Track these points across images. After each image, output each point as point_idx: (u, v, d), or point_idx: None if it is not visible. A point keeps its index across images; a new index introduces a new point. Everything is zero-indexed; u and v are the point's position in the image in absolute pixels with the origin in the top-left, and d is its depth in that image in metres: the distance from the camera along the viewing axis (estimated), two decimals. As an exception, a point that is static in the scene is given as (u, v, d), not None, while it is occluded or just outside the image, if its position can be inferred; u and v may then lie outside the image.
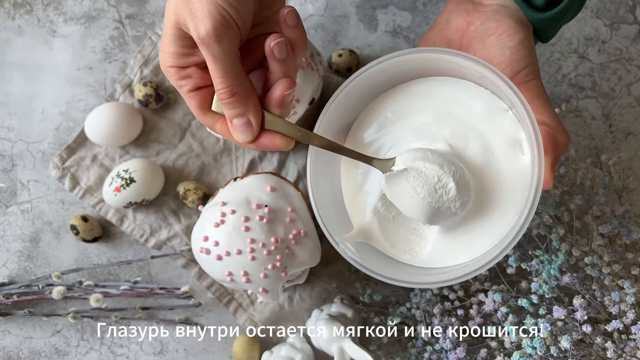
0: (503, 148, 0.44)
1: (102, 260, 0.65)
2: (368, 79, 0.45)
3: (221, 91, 0.39)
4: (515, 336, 0.51)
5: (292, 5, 0.69)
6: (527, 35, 0.47)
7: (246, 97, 0.39)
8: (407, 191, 0.42)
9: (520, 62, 0.46)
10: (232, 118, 0.40)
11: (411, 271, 0.46)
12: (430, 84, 0.46)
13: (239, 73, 0.39)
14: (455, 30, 0.49)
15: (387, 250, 0.47)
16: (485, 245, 0.44)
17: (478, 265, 0.41)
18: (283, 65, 0.39)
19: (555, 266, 0.52)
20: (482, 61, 0.42)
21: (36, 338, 0.64)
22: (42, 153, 0.66)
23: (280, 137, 0.41)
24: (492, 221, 0.44)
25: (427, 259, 0.46)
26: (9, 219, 0.65)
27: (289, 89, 0.40)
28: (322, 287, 0.63)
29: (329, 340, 0.57)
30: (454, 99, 0.45)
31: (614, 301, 0.50)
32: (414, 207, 0.43)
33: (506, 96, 0.42)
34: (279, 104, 0.40)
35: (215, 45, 0.37)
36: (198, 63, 0.40)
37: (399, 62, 0.44)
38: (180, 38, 0.39)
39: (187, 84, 0.41)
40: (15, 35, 0.68)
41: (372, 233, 0.47)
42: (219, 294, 0.63)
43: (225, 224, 0.51)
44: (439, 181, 0.41)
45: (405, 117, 0.47)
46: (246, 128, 0.40)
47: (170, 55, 0.40)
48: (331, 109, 0.46)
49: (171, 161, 0.65)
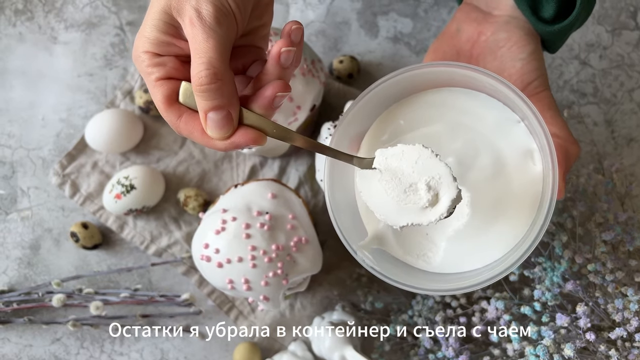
0: (515, 158, 0.44)
1: (102, 267, 0.64)
2: (384, 90, 0.46)
3: (202, 74, 0.36)
4: (518, 344, 0.51)
5: (294, 11, 0.69)
6: (537, 47, 0.47)
7: (229, 89, 0.37)
8: (378, 191, 0.41)
9: (531, 74, 0.47)
10: (208, 110, 0.36)
11: (427, 277, 0.46)
12: (444, 94, 0.46)
13: (226, 62, 0.37)
14: (466, 40, 0.49)
15: (401, 257, 0.47)
16: (496, 253, 0.44)
17: (494, 272, 0.41)
18: (282, 71, 0.38)
19: (558, 273, 0.51)
20: (496, 75, 0.42)
21: (36, 346, 0.63)
22: (43, 160, 0.66)
23: (253, 130, 0.38)
24: (503, 229, 0.44)
25: (440, 265, 0.46)
26: (9, 226, 0.65)
27: (284, 91, 0.38)
28: (324, 295, 0.63)
29: (330, 348, 0.56)
30: (467, 110, 0.46)
31: (618, 308, 0.49)
32: (383, 207, 0.42)
33: (518, 108, 0.43)
34: (267, 103, 0.38)
35: (215, 25, 0.36)
36: (177, 54, 0.38)
37: (415, 74, 0.45)
38: (166, 24, 0.37)
39: (157, 72, 0.38)
40: (16, 42, 0.68)
41: (386, 239, 0.47)
42: (219, 302, 0.63)
43: (226, 231, 0.51)
44: (410, 186, 0.40)
45: (418, 126, 0.47)
46: (224, 122, 0.37)
47: (150, 41, 0.38)
48: (347, 119, 0.45)
49: (172, 168, 0.65)
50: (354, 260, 0.63)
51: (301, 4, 0.68)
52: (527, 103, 0.41)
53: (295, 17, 0.68)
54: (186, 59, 0.38)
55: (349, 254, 0.43)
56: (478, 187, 0.45)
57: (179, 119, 0.38)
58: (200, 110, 0.37)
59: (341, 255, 0.63)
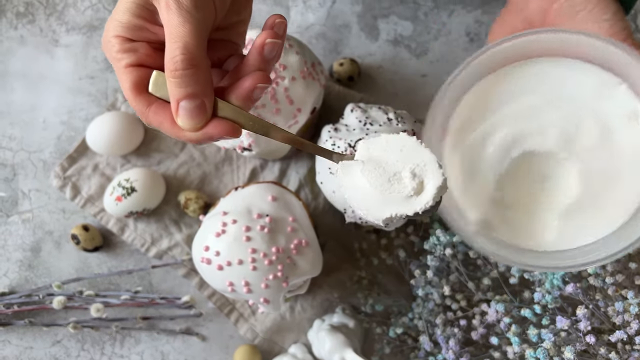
0: (621, 122, 0.43)
1: (103, 269, 0.64)
2: (474, 68, 0.44)
3: (177, 59, 0.34)
4: (518, 347, 0.51)
5: (294, 14, 0.70)
6: (619, 6, 0.46)
7: (204, 77, 0.35)
8: (360, 184, 0.40)
9: (620, 34, 0.45)
10: (181, 98, 0.34)
11: (544, 256, 0.45)
12: (536, 66, 0.45)
13: (203, 49, 0.35)
14: (537, 10, 0.47)
15: (510, 239, 0.46)
16: (615, 222, 0.43)
17: (618, 247, 0.41)
18: (263, 63, 0.37)
19: (558, 276, 0.51)
20: (601, 36, 0.41)
21: (36, 348, 0.63)
22: (44, 162, 0.66)
23: (228, 122, 0.36)
24: (619, 196, 0.43)
25: (554, 242, 0.45)
26: (10, 229, 0.65)
27: (265, 83, 0.36)
28: (324, 297, 0.63)
29: (330, 351, 0.56)
30: (563, 79, 0.44)
31: (618, 311, 0.49)
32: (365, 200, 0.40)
33: (620, 69, 0.42)
34: (246, 95, 0.36)
35: (193, 10, 0.34)
36: (150, 40, 0.37)
37: (506, 47, 0.43)
38: (140, 7, 0.36)
39: (128, 58, 0.36)
40: (18, 45, 0.68)
41: (493, 224, 0.46)
42: (220, 304, 0.63)
43: (226, 234, 0.51)
44: (394, 174, 0.39)
45: (510, 99, 0.46)
46: (197, 112, 0.35)
47: (122, 25, 0.36)
48: (440, 98, 0.44)
49: (172, 170, 0.65)
50: (354, 262, 0.63)
51: (301, 6, 0.68)
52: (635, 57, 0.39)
53: (295, 20, 0.68)
54: (159, 45, 0.36)
55: (349, 256, 0.42)
56: (586, 157, 0.44)
57: (148, 108, 0.36)
58: (172, 99, 0.35)
59: (341, 257, 0.63)
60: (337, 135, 0.55)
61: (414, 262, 0.60)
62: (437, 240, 0.54)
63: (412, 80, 0.67)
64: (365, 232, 0.64)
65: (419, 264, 0.59)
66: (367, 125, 0.55)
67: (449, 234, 0.54)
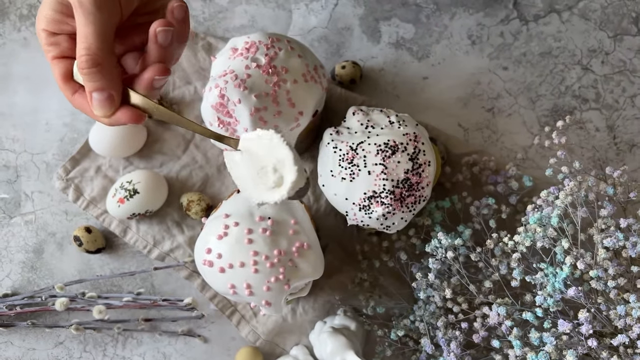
0: None
1: (105, 271, 0.65)
2: None
3: (82, 59, 0.38)
4: (520, 350, 0.51)
5: (297, 17, 0.70)
6: None
7: (110, 72, 0.39)
8: (241, 169, 0.45)
9: None
10: (92, 90, 0.39)
11: None
12: None
13: (107, 46, 0.39)
14: None
15: None
16: None
17: None
18: (162, 51, 0.40)
19: (560, 279, 0.51)
20: None
21: (39, 349, 0.64)
22: (46, 164, 0.66)
23: (134, 110, 0.41)
24: None
25: None
26: (13, 230, 0.66)
27: (162, 75, 0.40)
28: (326, 299, 0.63)
29: (332, 353, 0.56)
30: None
31: (620, 315, 0.49)
32: (245, 184, 0.45)
33: None
34: (147, 85, 0.41)
35: (94, 10, 0.38)
36: (70, 32, 0.41)
37: None
38: (59, 4, 0.40)
39: (53, 50, 0.41)
40: (21, 47, 0.68)
41: None
42: (221, 306, 0.63)
43: (228, 236, 0.51)
44: (262, 168, 0.43)
45: None
46: (106, 102, 0.40)
47: (46, 19, 0.41)
48: None
49: (175, 172, 0.65)
50: (356, 264, 0.63)
51: (304, 9, 0.69)
52: None
53: (297, 23, 0.68)
54: None
55: (351, 259, 0.43)
56: None
57: (74, 94, 0.41)
58: (86, 90, 0.40)
59: (343, 259, 0.63)
60: (339, 138, 0.55)
61: (416, 264, 0.60)
62: (438, 243, 0.54)
63: (413, 83, 0.67)
64: (366, 234, 0.64)
65: (421, 266, 0.59)
66: (369, 128, 0.55)
67: (451, 237, 0.54)
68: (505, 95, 0.67)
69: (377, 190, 0.53)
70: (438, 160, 0.58)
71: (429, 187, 0.55)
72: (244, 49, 0.54)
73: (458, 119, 0.66)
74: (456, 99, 0.67)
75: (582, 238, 0.53)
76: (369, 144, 0.53)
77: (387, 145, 0.53)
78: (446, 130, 0.66)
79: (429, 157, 0.54)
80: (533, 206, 0.56)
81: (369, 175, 0.53)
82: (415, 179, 0.53)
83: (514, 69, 0.67)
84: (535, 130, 0.66)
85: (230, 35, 0.68)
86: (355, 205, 0.54)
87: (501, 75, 0.67)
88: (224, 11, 0.69)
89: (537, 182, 0.62)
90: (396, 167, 0.53)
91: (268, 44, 0.54)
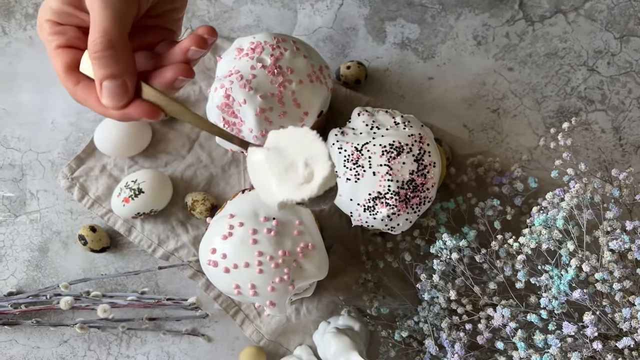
0: None
1: (110, 270, 0.65)
2: None
3: (97, 41, 0.36)
4: (524, 352, 0.51)
5: (302, 17, 0.70)
6: None
7: (125, 57, 0.37)
8: (263, 169, 0.42)
9: None
10: (103, 78, 0.37)
11: None
12: None
13: (124, 32, 0.37)
14: None
15: None
16: None
17: None
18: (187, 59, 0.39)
19: (565, 281, 0.51)
20: None
21: (43, 348, 0.64)
22: (52, 163, 0.66)
23: (149, 105, 0.38)
24: None
25: None
26: (18, 229, 0.66)
27: (186, 76, 0.38)
28: (330, 300, 0.63)
29: (336, 353, 0.57)
30: None
31: (625, 317, 0.49)
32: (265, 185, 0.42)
33: None
34: (168, 83, 0.38)
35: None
36: (79, 25, 0.39)
37: None
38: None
39: (58, 39, 0.39)
40: (27, 46, 0.68)
41: None
42: (225, 305, 0.63)
43: (233, 237, 0.51)
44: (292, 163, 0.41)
45: None
46: (119, 91, 0.37)
47: (52, 10, 0.39)
48: None
49: (179, 172, 0.65)
50: (360, 265, 0.63)
51: (309, 9, 0.69)
52: None
53: (303, 23, 0.68)
54: (87, 30, 0.38)
55: (355, 259, 0.43)
56: None
57: (77, 85, 0.39)
58: (96, 79, 0.37)
59: (347, 260, 0.63)
60: (344, 139, 0.55)
61: (420, 265, 0.60)
62: (443, 244, 0.54)
63: (419, 84, 0.67)
64: (371, 235, 0.64)
65: (425, 267, 0.59)
66: (374, 129, 0.55)
67: (456, 238, 0.54)
68: (511, 96, 0.67)
69: (382, 191, 0.53)
70: (443, 161, 0.58)
71: (434, 188, 0.55)
72: (249, 49, 0.54)
73: (463, 119, 0.66)
74: (461, 99, 0.67)
75: (587, 240, 0.53)
76: (374, 144, 0.53)
77: (392, 146, 0.53)
78: (451, 131, 0.65)
79: (434, 159, 0.54)
80: (538, 208, 0.56)
81: (373, 176, 0.53)
82: (420, 180, 0.53)
83: (519, 69, 0.67)
84: (541, 131, 0.66)
85: (235, 35, 0.68)
86: (360, 206, 0.54)
87: (506, 76, 0.67)
88: (230, 11, 0.69)
89: (543, 183, 0.62)
90: (401, 168, 0.53)
91: (273, 44, 0.54)
